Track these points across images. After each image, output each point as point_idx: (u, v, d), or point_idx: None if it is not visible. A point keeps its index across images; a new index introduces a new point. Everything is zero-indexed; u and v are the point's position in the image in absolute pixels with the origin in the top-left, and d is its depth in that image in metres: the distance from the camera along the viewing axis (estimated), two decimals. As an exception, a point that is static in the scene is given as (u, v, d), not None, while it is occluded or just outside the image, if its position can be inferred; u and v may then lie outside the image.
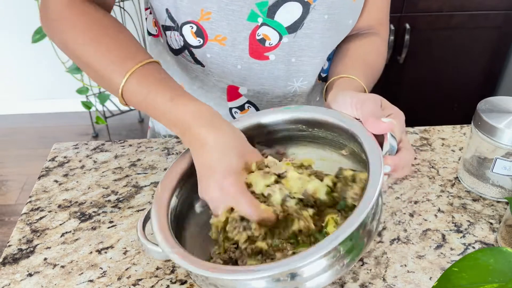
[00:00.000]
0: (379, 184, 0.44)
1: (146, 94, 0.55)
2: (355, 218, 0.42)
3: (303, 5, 0.64)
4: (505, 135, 0.62)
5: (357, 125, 0.52)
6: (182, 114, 0.52)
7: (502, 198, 0.67)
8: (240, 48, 0.66)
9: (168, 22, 0.67)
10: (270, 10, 0.64)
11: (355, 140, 0.52)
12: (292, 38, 0.67)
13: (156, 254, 0.48)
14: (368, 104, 0.52)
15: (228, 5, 0.62)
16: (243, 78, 0.70)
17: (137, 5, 2.13)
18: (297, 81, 0.72)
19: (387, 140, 0.49)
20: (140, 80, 0.55)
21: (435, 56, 1.75)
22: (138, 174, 0.71)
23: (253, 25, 0.64)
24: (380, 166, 0.46)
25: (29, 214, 0.64)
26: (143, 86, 0.55)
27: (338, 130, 0.55)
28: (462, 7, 1.65)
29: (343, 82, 0.63)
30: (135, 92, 0.56)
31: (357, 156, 0.55)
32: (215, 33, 0.65)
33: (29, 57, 2.29)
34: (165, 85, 0.55)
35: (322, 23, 0.67)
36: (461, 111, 1.89)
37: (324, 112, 0.56)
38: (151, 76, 0.56)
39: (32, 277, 0.55)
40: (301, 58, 0.70)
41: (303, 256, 0.41)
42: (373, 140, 0.49)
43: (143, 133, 2.36)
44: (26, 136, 2.34)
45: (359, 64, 0.69)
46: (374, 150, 0.48)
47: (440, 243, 0.60)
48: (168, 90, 0.54)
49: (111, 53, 0.57)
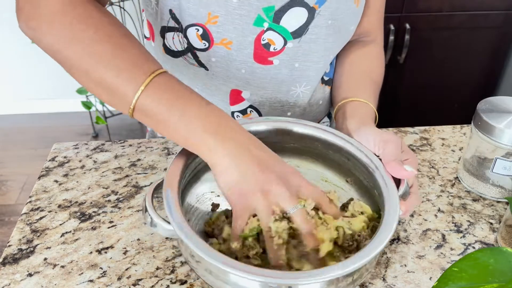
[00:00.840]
0: (393, 230, 0.47)
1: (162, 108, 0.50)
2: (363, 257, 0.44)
3: (309, 10, 0.64)
4: (505, 135, 0.62)
5: (379, 163, 0.55)
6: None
7: (502, 198, 0.67)
8: (245, 53, 0.66)
9: (171, 23, 0.67)
10: (276, 15, 0.64)
11: (369, 174, 0.55)
12: (296, 43, 0.67)
13: (164, 231, 0.47)
14: (390, 146, 0.55)
15: (236, 9, 0.62)
16: (247, 82, 0.70)
17: (137, 5, 2.13)
18: (300, 86, 0.72)
19: (403, 185, 0.52)
20: (155, 93, 0.50)
21: (435, 56, 1.75)
22: (138, 174, 0.71)
23: (259, 30, 0.64)
24: (397, 213, 0.49)
25: (29, 214, 0.64)
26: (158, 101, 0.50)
27: (353, 159, 0.57)
28: (462, 7, 1.65)
29: (357, 109, 0.64)
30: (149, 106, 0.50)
31: (363, 188, 0.58)
32: (222, 37, 0.64)
33: (29, 57, 2.29)
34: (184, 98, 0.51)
35: (325, 29, 0.67)
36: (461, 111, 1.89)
37: (346, 138, 0.58)
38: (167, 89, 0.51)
39: (32, 277, 0.55)
40: (304, 63, 0.70)
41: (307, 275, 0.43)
42: (393, 184, 0.52)
43: (143, 133, 2.36)
44: (26, 136, 2.34)
45: (368, 85, 0.70)
46: (393, 195, 0.51)
47: (440, 243, 0.60)
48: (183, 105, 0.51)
49: (122, 62, 0.51)
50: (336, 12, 0.67)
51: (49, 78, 2.37)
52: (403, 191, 0.52)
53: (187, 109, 0.50)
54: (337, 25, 0.68)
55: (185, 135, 0.50)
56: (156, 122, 0.51)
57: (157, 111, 0.50)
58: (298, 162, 0.62)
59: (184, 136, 0.50)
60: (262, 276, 0.42)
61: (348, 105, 0.65)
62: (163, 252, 0.58)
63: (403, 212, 0.51)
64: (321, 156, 0.61)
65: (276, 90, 0.72)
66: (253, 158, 0.48)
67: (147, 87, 0.50)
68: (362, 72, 0.73)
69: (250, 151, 0.49)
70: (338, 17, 0.67)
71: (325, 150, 0.60)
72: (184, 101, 0.50)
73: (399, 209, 0.49)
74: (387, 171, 0.53)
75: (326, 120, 0.85)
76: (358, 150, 0.57)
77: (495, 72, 1.83)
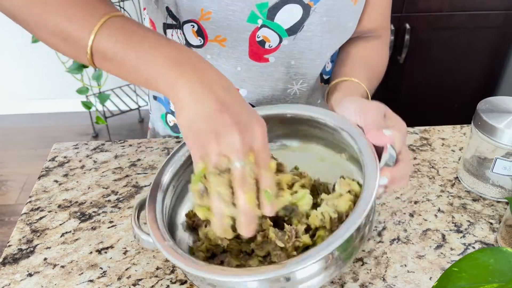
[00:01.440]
0: (372, 199, 0.45)
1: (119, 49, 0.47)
2: (346, 231, 0.43)
3: (303, 7, 0.64)
4: (505, 135, 0.62)
5: (357, 133, 0.52)
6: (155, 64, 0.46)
7: (502, 198, 0.67)
8: (240, 50, 0.66)
9: (170, 21, 0.67)
10: (270, 11, 0.63)
11: (354, 147, 0.53)
12: (292, 41, 0.67)
13: (146, 243, 0.49)
14: (371, 113, 0.52)
15: (229, 5, 0.62)
16: (243, 80, 0.70)
17: (137, 5, 2.13)
18: (296, 83, 0.72)
19: (387, 151, 0.49)
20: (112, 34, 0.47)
21: (435, 56, 1.75)
22: (138, 174, 0.71)
23: (253, 27, 0.64)
24: (376, 179, 0.47)
25: (29, 214, 0.64)
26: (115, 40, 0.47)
27: (338, 135, 0.55)
28: (462, 7, 1.65)
29: (347, 86, 0.63)
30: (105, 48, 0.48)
31: (356, 161, 0.55)
32: (215, 34, 0.64)
33: (29, 57, 2.29)
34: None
35: (321, 26, 0.67)
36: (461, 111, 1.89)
37: (326, 114, 0.56)
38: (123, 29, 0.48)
39: (32, 277, 0.55)
40: (300, 61, 0.70)
41: (298, 262, 0.42)
42: (371, 151, 0.50)
43: (143, 133, 2.36)
44: (26, 136, 2.34)
45: (362, 67, 0.69)
46: (371, 162, 0.49)
47: (440, 243, 0.60)
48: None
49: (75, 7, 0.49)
50: (332, 9, 0.66)
51: (49, 78, 2.37)
52: (386, 158, 0.49)
53: (145, 46, 0.47)
54: (334, 22, 0.68)
55: (144, 74, 0.47)
56: (116, 65, 0.48)
57: (115, 51, 0.47)
58: (296, 143, 0.62)
59: (144, 75, 0.47)
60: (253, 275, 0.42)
61: (339, 84, 0.64)
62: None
63: (390, 179, 0.48)
64: (313, 136, 0.60)
65: (272, 88, 0.72)
66: (214, 97, 0.44)
67: (102, 28, 0.47)
68: (359, 58, 0.72)
69: (213, 90, 0.45)
70: (334, 15, 0.67)
71: (313, 129, 0.59)
72: (141, 38, 0.47)
73: (378, 175, 0.47)
74: (368, 141, 0.51)
75: None
76: (338, 123, 0.54)
77: (495, 72, 1.83)
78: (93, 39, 0.47)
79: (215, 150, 0.44)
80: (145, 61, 0.46)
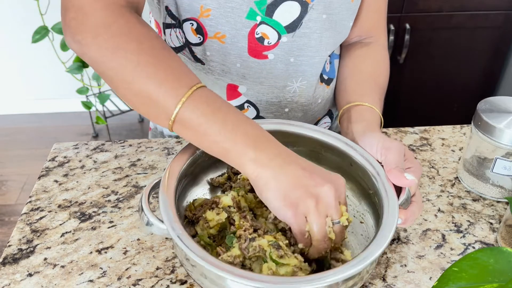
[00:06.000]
0: (389, 238, 0.47)
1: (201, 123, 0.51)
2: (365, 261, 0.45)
3: (302, 4, 0.65)
4: (505, 135, 0.62)
5: (381, 169, 0.55)
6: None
7: (502, 198, 0.67)
8: (239, 46, 0.67)
9: (169, 20, 0.68)
10: (268, 8, 0.64)
11: (370, 181, 0.55)
12: (290, 38, 0.67)
13: (159, 230, 0.48)
14: (393, 153, 0.55)
15: (228, 2, 0.62)
16: (242, 76, 0.70)
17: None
18: (296, 81, 0.72)
19: (405, 193, 0.53)
20: (196, 107, 0.50)
21: (435, 56, 1.75)
22: (138, 174, 0.71)
23: (252, 23, 0.65)
24: (395, 220, 0.49)
25: (29, 214, 0.64)
26: (198, 114, 0.50)
27: (356, 165, 0.57)
28: (462, 7, 1.65)
29: (362, 114, 0.65)
30: (189, 119, 0.50)
31: (364, 193, 0.58)
32: (215, 31, 0.65)
33: (29, 57, 2.29)
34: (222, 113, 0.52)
35: (320, 23, 0.67)
36: (461, 111, 1.89)
37: (349, 143, 0.59)
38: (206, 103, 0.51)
39: (32, 277, 0.55)
40: (299, 58, 0.70)
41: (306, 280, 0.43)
42: (393, 191, 0.52)
43: (143, 133, 2.36)
44: (26, 136, 2.34)
45: (373, 89, 0.70)
46: (392, 202, 0.51)
47: (440, 243, 0.60)
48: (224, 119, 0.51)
49: (164, 74, 0.51)
50: (330, 6, 0.67)
51: (49, 78, 2.37)
52: (404, 199, 0.52)
53: (228, 122, 0.50)
54: (333, 19, 0.68)
55: (225, 147, 0.50)
56: (195, 134, 0.51)
57: (197, 122, 0.50)
58: None
59: (224, 148, 0.50)
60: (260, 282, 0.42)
61: (353, 110, 0.65)
62: (163, 252, 0.58)
63: (403, 220, 0.52)
64: (324, 160, 0.61)
65: (272, 85, 0.72)
66: (297, 165, 0.48)
67: (188, 99, 0.50)
68: (367, 75, 0.73)
69: (293, 160, 0.49)
70: (332, 12, 0.68)
71: (328, 155, 0.60)
72: (224, 114, 0.51)
73: (397, 216, 0.50)
74: (388, 179, 0.54)
75: (327, 121, 0.85)
76: (361, 156, 0.57)
77: (495, 72, 1.83)
78: (180, 108, 0.50)
79: (317, 215, 0.47)
80: (227, 136, 0.50)
